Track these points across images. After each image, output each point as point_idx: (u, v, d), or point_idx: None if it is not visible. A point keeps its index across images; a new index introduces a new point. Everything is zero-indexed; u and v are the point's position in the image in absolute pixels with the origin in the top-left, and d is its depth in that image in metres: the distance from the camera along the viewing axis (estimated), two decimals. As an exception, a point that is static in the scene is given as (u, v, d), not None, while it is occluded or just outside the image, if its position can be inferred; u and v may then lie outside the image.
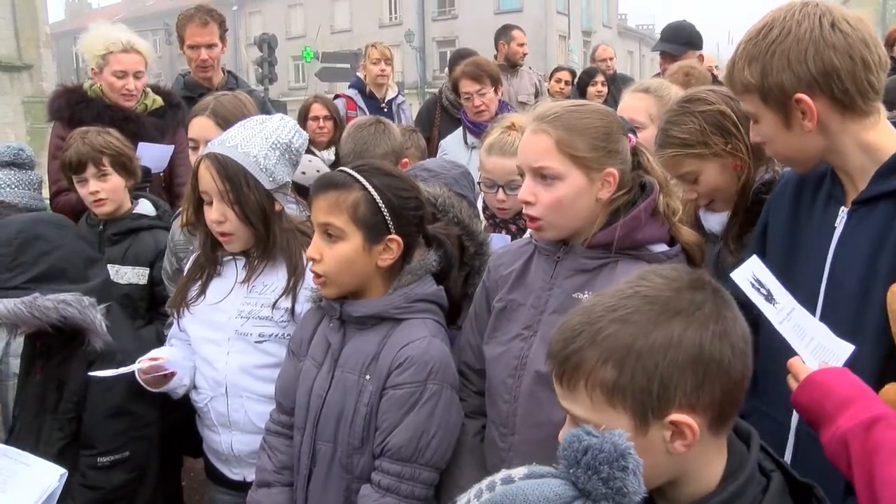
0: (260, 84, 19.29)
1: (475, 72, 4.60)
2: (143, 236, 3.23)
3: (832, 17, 1.67)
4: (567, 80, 8.15)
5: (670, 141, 2.33)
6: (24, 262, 2.33)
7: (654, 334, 1.19)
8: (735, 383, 1.23)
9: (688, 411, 1.19)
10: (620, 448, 0.98)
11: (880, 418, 1.38)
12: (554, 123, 1.90)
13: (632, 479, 0.97)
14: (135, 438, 2.50)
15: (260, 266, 2.39)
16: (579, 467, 0.98)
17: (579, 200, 1.90)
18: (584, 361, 1.22)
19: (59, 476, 1.88)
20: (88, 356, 2.43)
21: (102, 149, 3.16)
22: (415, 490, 1.98)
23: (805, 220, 1.88)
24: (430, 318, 2.11)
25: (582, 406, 1.23)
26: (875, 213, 1.70)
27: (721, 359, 1.20)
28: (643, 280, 1.28)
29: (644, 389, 1.18)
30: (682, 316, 1.21)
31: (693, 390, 1.19)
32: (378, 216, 2.02)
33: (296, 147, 2.38)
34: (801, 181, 1.93)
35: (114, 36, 3.94)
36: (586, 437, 0.99)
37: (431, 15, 47.55)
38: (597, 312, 1.25)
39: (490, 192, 2.86)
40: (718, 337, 1.21)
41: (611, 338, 1.21)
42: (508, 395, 1.98)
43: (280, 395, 2.25)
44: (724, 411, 1.23)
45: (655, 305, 1.22)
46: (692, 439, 1.20)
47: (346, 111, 5.81)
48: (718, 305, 1.24)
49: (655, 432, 1.20)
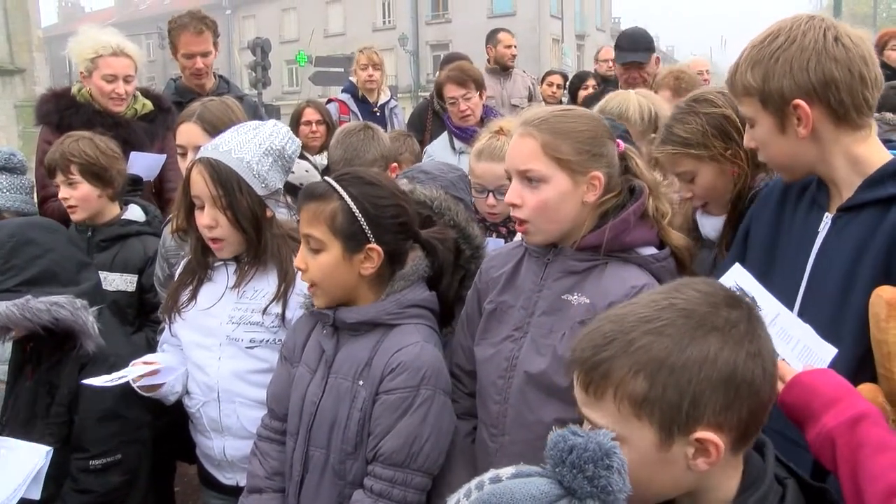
0: (253, 88, 19.27)
1: (459, 76, 4.60)
2: (131, 243, 3.20)
3: (836, 32, 1.73)
4: (559, 84, 8.17)
5: (671, 138, 2.36)
6: (16, 266, 2.34)
7: (690, 350, 1.18)
8: (762, 405, 1.22)
9: (714, 430, 1.18)
10: (605, 447, 0.99)
11: (865, 415, 1.41)
12: (540, 127, 1.92)
13: (616, 478, 0.98)
14: (126, 441, 2.50)
15: (250, 272, 2.38)
16: (564, 466, 0.99)
17: (565, 203, 1.92)
18: (614, 371, 1.20)
19: (45, 454, 1.88)
20: (81, 359, 2.43)
21: (71, 156, 3.10)
22: (407, 495, 1.98)
23: (787, 225, 1.92)
24: (422, 324, 2.11)
25: (606, 415, 1.22)
26: (858, 221, 1.73)
27: (753, 380, 1.19)
28: (678, 293, 1.26)
29: (674, 405, 1.17)
30: (719, 333, 1.19)
31: (722, 410, 1.18)
32: (355, 225, 2.02)
33: (289, 154, 2.39)
34: (786, 189, 1.97)
35: (103, 40, 3.91)
36: (571, 437, 1.00)
37: (425, 18, 47.65)
38: (629, 322, 1.23)
39: (480, 196, 2.87)
40: (752, 357, 1.20)
41: (644, 349, 1.19)
42: (499, 396, 2.00)
43: (272, 401, 2.25)
44: (749, 431, 1.23)
45: (691, 320, 1.20)
46: (716, 458, 1.19)
47: (338, 115, 5.82)
48: (753, 325, 1.24)
49: (679, 448, 1.19)
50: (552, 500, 0.99)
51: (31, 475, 1.86)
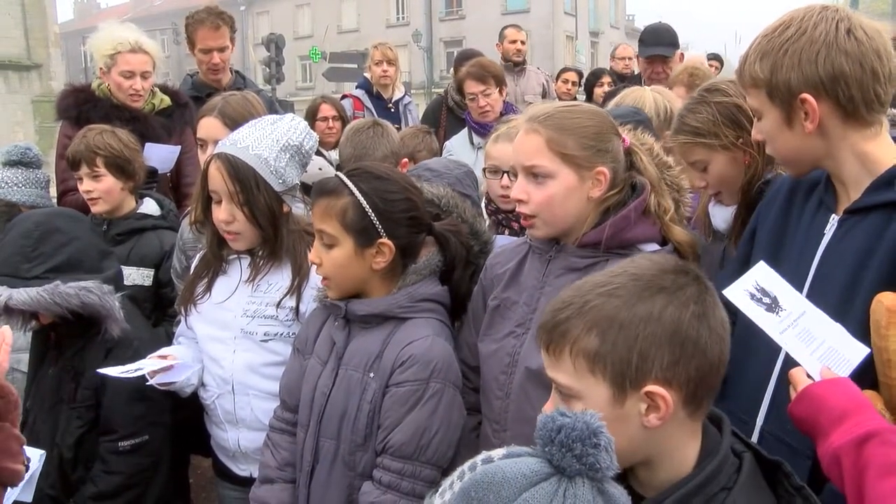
0: (267, 84, 19.33)
1: (480, 73, 4.62)
2: (147, 237, 3.24)
3: (849, 24, 1.69)
4: (574, 81, 8.14)
5: (683, 128, 2.37)
6: (43, 253, 2.40)
7: (637, 308, 1.26)
8: (711, 365, 1.29)
9: (663, 385, 1.25)
10: (592, 426, 1.01)
11: (873, 434, 1.39)
12: (545, 123, 1.94)
13: (604, 455, 1.01)
14: (153, 423, 2.56)
15: (265, 266, 2.41)
16: (553, 445, 1.02)
17: (570, 198, 1.94)
18: (570, 330, 1.29)
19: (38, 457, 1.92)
20: (106, 344, 2.49)
21: (97, 149, 3.15)
22: (415, 487, 2.00)
23: (794, 225, 1.90)
24: (433, 318, 2.13)
25: (565, 373, 1.30)
26: (865, 224, 1.71)
27: (698, 339, 1.27)
28: (633, 262, 1.37)
29: (624, 359, 1.25)
30: (665, 294, 1.28)
31: (669, 365, 1.25)
32: (366, 220, 2.05)
33: (306, 149, 2.41)
34: (794, 187, 1.95)
35: (122, 36, 3.94)
36: (560, 418, 1.03)
37: (439, 15, 47.55)
38: (586, 287, 1.33)
39: (494, 178, 2.88)
40: (697, 318, 1.27)
41: (596, 308, 1.28)
42: (501, 391, 2.01)
43: (284, 393, 2.27)
44: (699, 392, 1.29)
45: (640, 282, 1.29)
46: (666, 412, 1.25)
47: (353, 111, 5.83)
48: (700, 290, 1.31)
49: (632, 404, 1.26)
50: (542, 479, 1.02)
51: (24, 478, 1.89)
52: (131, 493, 2.52)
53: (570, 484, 1.01)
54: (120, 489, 2.49)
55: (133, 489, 2.52)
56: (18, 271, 2.35)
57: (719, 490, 1.27)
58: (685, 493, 1.26)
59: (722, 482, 1.28)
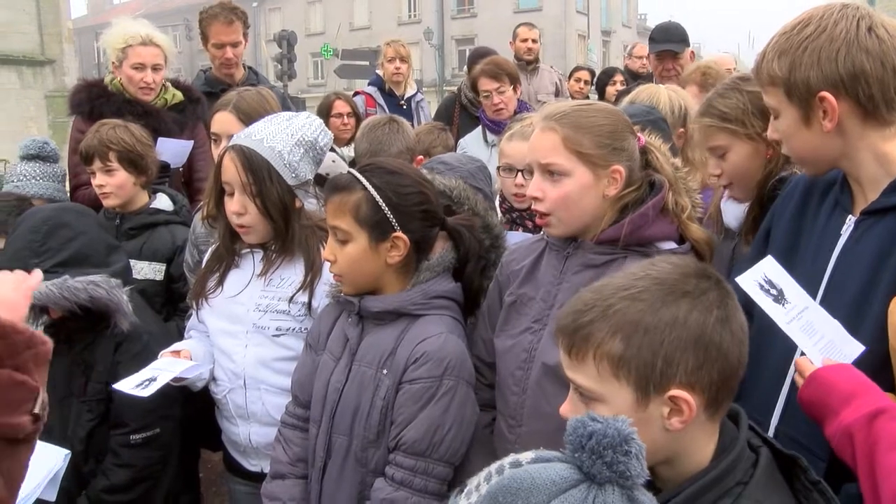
0: (279, 80, 19.35)
1: (494, 70, 4.62)
2: (159, 231, 3.25)
3: (870, 22, 1.67)
4: (586, 80, 8.12)
5: (710, 111, 2.36)
6: (51, 248, 2.41)
7: (662, 312, 1.27)
8: (732, 369, 1.30)
9: (687, 389, 1.25)
10: (624, 433, 1.00)
11: (883, 410, 1.41)
12: (561, 121, 1.94)
13: (634, 463, 1.00)
14: (163, 416, 2.57)
15: (277, 260, 2.41)
16: (584, 452, 1.01)
17: (586, 197, 1.94)
18: (594, 334, 1.29)
19: (63, 457, 1.92)
20: (116, 338, 2.50)
21: (110, 144, 3.17)
22: (428, 484, 1.99)
23: (809, 226, 1.89)
24: (446, 315, 2.12)
25: (588, 377, 1.30)
26: (882, 225, 1.69)
27: (721, 343, 1.27)
28: (653, 265, 1.36)
29: (648, 363, 1.25)
30: (689, 298, 1.28)
31: (694, 370, 1.26)
32: (379, 215, 2.04)
33: (321, 145, 2.41)
34: (810, 187, 1.94)
35: (133, 30, 3.97)
36: (591, 423, 1.02)
37: (451, 13, 47.57)
38: (608, 290, 1.33)
39: (509, 177, 2.88)
40: (720, 322, 1.28)
41: (620, 313, 1.28)
42: (517, 387, 2.01)
43: (296, 388, 2.27)
44: (720, 395, 1.29)
45: (664, 286, 1.30)
46: (689, 416, 1.25)
47: (365, 108, 5.83)
48: (722, 294, 1.32)
49: (655, 408, 1.27)
50: (572, 485, 1.00)
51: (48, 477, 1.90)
52: (142, 486, 2.53)
53: (599, 491, 1.00)
54: (131, 482, 2.51)
55: (144, 482, 2.54)
56: (27, 265, 2.34)
57: (735, 484, 1.28)
58: (700, 487, 1.27)
59: (738, 476, 1.28)
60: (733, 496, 1.26)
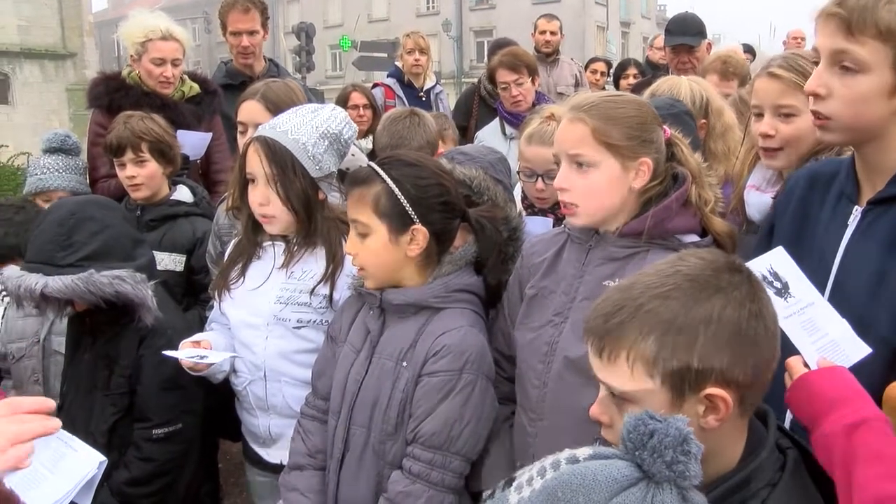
0: (297, 72, 19.38)
1: (513, 61, 4.59)
2: (180, 223, 3.27)
3: None
4: (603, 72, 8.06)
5: (795, 67, 2.26)
6: (77, 242, 2.41)
7: (695, 310, 1.24)
8: (766, 363, 1.28)
9: (723, 386, 1.23)
10: (684, 433, 1.00)
11: (864, 421, 1.37)
12: (590, 112, 1.92)
13: (693, 464, 1.00)
14: (185, 411, 2.58)
15: (299, 252, 2.41)
16: (645, 450, 1.01)
17: (613, 188, 1.92)
18: (626, 335, 1.26)
19: (98, 463, 1.93)
20: (139, 332, 2.51)
21: (142, 134, 3.21)
22: (445, 478, 1.99)
23: (814, 218, 1.85)
24: (467, 308, 2.12)
25: (621, 379, 1.27)
26: (891, 214, 1.66)
27: (755, 338, 1.25)
28: (682, 261, 1.33)
29: (684, 363, 1.23)
30: (722, 294, 1.25)
31: (729, 366, 1.23)
32: (399, 207, 2.04)
33: (345, 138, 2.40)
34: (812, 180, 1.91)
35: (152, 24, 3.98)
36: (651, 422, 1.02)
37: (469, 4, 47.43)
38: (637, 289, 1.29)
39: (529, 181, 2.87)
40: (755, 317, 1.26)
41: (653, 313, 1.25)
42: (538, 380, 2.00)
43: (316, 380, 2.28)
44: (754, 391, 1.27)
45: (696, 283, 1.27)
46: (725, 413, 1.24)
47: (384, 100, 5.83)
48: (753, 287, 1.30)
49: (690, 406, 1.24)
50: (632, 483, 1.00)
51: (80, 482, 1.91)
52: (163, 479, 2.54)
53: (657, 490, 1.00)
54: (153, 476, 2.52)
55: (166, 476, 2.55)
56: (53, 259, 2.37)
57: (763, 486, 1.26)
58: (726, 490, 1.26)
59: (766, 478, 1.26)
60: (759, 499, 1.25)
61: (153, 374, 2.50)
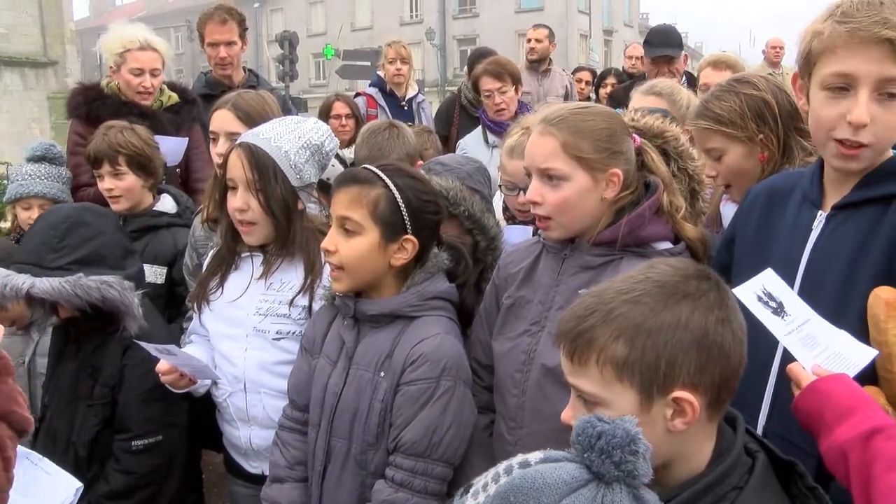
0: (281, 81, 19.39)
1: (496, 70, 4.62)
2: (161, 234, 3.25)
3: None
4: (588, 81, 8.16)
5: (706, 113, 2.35)
6: (69, 245, 2.41)
7: (664, 315, 1.27)
8: (733, 369, 1.30)
9: (690, 390, 1.26)
10: (631, 433, 1.02)
11: (880, 429, 1.39)
12: (559, 125, 1.94)
13: (642, 463, 1.02)
14: (167, 424, 2.56)
15: (277, 262, 2.41)
16: (593, 451, 1.02)
17: (585, 200, 1.95)
18: (597, 338, 1.29)
19: (74, 490, 1.88)
20: (123, 342, 2.49)
21: (119, 148, 3.19)
22: (428, 485, 2.00)
23: (776, 226, 1.89)
24: (442, 315, 2.13)
25: (591, 381, 1.30)
26: (857, 218, 1.69)
27: (722, 343, 1.28)
28: (652, 268, 1.37)
29: (652, 366, 1.26)
30: (690, 300, 1.29)
31: (696, 371, 1.26)
32: (397, 215, 2.05)
33: (326, 150, 2.43)
34: (772, 191, 1.94)
35: (131, 34, 3.99)
36: (599, 424, 1.03)
37: (452, 13, 47.56)
38: (608, 294, 1.33)
39: (511, 194, 2.89)
40: (721, 323, 1.29)
41: (622, 316, 1.28)
42: (517, 389, 2.01)
43: (293, 392, 2.28)
44: (721, 395, 1.30)
45: (665, 289, 1.30)
46: (692, 417, 1.26)
47: (366, 109, 5.83)
48: (721, 295, 1.33)
49: (658, 410, 1.27)
50: (581, 485, 1.02)
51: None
52: (145, 491, 2.52)
53: (607, 490, 1.02)
54: (133, 488, 2.49)
55: (147, 488, 2.52)
56: (42, 261, 2.37)
57: (730, 490, 1.28)
58: (694, 492, 1.27)
59: (733, 482, 1.29)
60: (727, 501, 1.27)
61: (135, 384, 2.49)
